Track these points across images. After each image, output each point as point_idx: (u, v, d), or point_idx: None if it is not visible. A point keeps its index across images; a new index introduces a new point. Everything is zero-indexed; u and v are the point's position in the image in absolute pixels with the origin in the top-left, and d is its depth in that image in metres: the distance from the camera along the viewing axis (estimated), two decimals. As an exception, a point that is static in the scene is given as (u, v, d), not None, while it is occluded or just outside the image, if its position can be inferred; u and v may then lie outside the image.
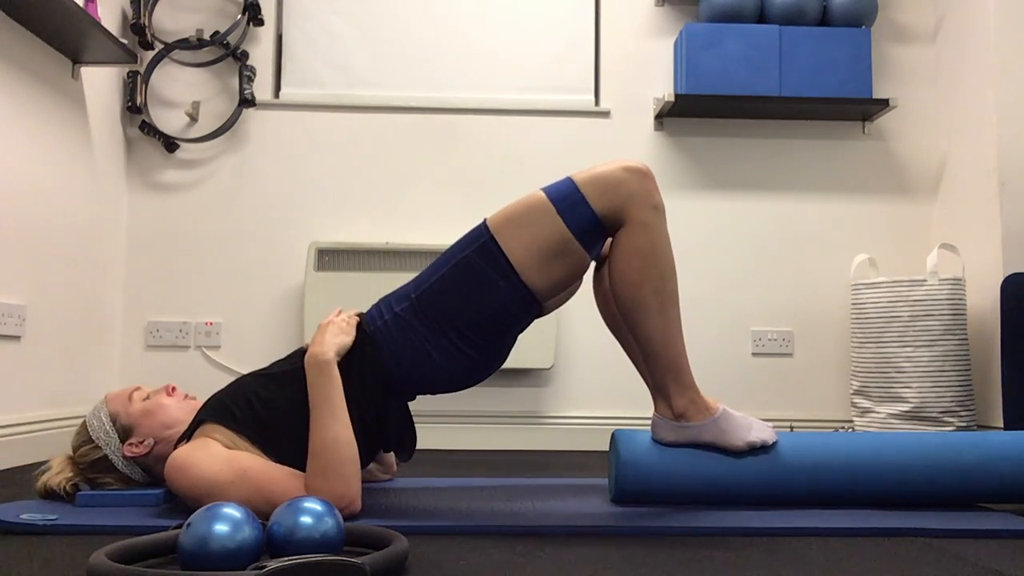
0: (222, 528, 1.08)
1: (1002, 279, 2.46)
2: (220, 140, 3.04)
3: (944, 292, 2.69)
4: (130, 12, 2.93)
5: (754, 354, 3.08)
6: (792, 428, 3.01)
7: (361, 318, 1.63)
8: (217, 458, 1.44)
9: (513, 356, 2.30)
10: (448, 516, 1.50)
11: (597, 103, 3.16)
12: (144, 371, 2.96)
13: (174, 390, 1.69)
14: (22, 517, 1.42)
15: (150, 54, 3.02)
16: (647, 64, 3.15)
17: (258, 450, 1.51)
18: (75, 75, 2.64)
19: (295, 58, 3.11)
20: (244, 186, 3.05)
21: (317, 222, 3.04)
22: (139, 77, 2.96)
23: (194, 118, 3.04)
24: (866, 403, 2.82)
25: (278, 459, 1.50)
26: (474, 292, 1.53)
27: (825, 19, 3.04)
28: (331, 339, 1.55)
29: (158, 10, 3.04)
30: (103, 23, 2.60)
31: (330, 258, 2.89)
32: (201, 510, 1.12)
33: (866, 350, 2.81)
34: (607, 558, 1.24)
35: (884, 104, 2.98)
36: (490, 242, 1.53)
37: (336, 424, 1.47)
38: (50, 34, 2.42)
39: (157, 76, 3.05)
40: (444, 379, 1.59)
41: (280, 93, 3.12)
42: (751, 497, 1.64)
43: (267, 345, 2.99)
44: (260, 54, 3.09)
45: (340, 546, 1.17)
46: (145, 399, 1.65)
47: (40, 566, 1.17)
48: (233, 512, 1.11)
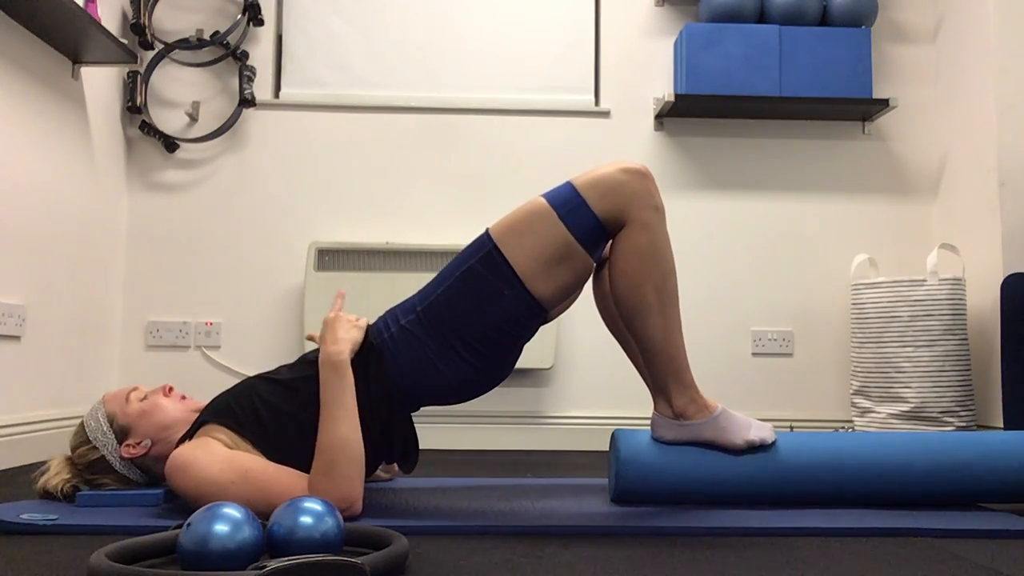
0: (222, 528, 1.08)
1: (1002, 279, 2.46)
2: (220, 140, 3.04)
3: (944, 292, 2.69)
4: (130, 12, 2.93)
5: (754, 354, 3.09)
6: (792, 428, 3.01)
7: (366, 329, 1.62)
8: (218, 458, 1.44)
9: (513, 356, 2.30)
10: (448, 516, 1.50)
11: (597, 103, 3.16)
12: (144, 371, 2.96)
13: (171, 390, 1.68)
14: (22, 517, 1.42)
15: (150, 54, 3.02)
16: (647, 64, 3.15)
17: (259, 453, 1.50)
18: (75, 75, 2.64)
19: (295, 58, 3.11)
20: (244, 186, 3.05)
21: (317, 222, 3.04)
22: (139, 77, 2.96)
23: (194, 118, 3.04)
24: (866, 403, 2.82)
25: (279, 462, 1.49)
26: (479, 302, 1.53)
27: (825, 19, 3.04)
28: (344, 335, 1.55)
29: (158, 10, 3.04)
30: (103, 23, 2.60)
31: (330, 258, 2.89)
32: (201, 510, 1.12)
33: (866, 350, 2.81)
34: (607, 558, 1.24)
35: (884, 104, 2.98)
36: (493, 251, 1.53)
37: (347, 424, 1.47)
38: (50, 34, 2.42)
39: (157, 76, 3.05)
40: (450, 391, 1.58)
41: (280, 93, 3.12)
42: (751, 496, 1.64)
43: (267, 345, 2.99)
44: (260, 54, 3.09)
45: (340, 546, 1.17)
46: (142, 399, 1.64)
47: (40, 566, 1.17)
48: (233, 512, 1.11)
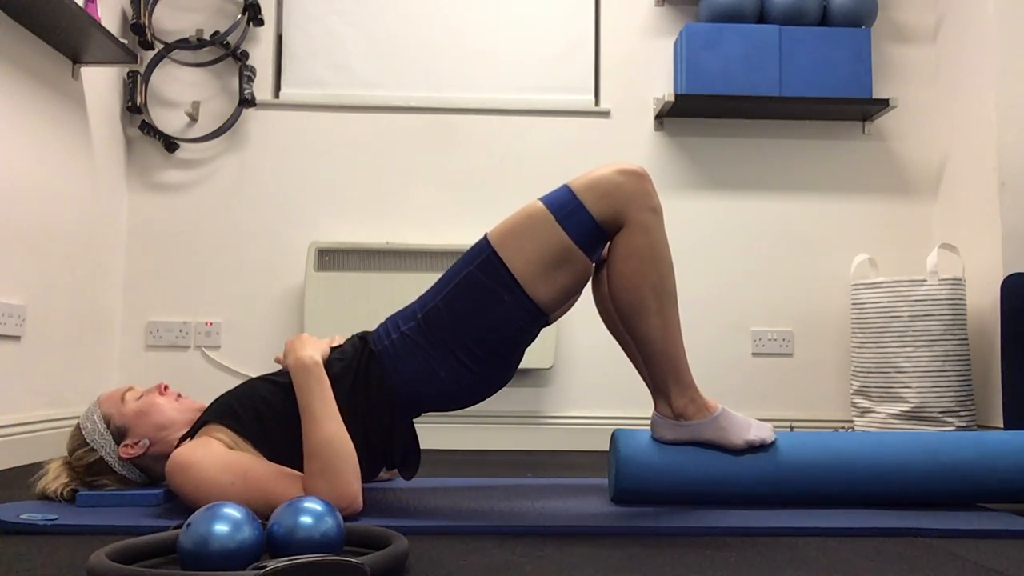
0: (222, 528, 1.08)
1: (1002, 279, 2.46)
2: (220, 140, 3.04)
3: (944, 292, 2.69)
4: (130, 12, 2.93)
5: (754, 354, 3.08)
6: (792, 428, 3.01)
7: (367, 337, 1.63)
8: (218, 458, 1.44)
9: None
10: (448, 516, 1.50)
11: (597, 103, 3.16)
12: (144, 371, 2.96)
13: (166, 389, 1.67)
14: (22, 517, 1.42)
15: (150, 54, 3.02)
16: (647, 64, 3.15)
17: (260, 453, 1.50)
18: (75, 75, 2.64)
19: (295, 58, 3.11)
20: (244, 186, 3.05)
21: (317, 222, 3.04)
22: (139, 77, 2.96)
23: (194, 118, 3.04)
24: (866, 403, 2.82)
25: (279, 463, 1.49)
26: (479, 308, 1.52)
27: (825, 19, 3.04)
28: (311, 347, 1.57)
29: (158, 10, 3.04)
30: (103, 23, 2.60)
31: (330, 258, 2.89)
32: (201, 510, 1.12)
33: (866, 350, 2.81)
34: (607, 558, 1.24)
35: (884, 104, 2.98)
36: (492, 256, 1.53)
37: (329, 423, 1.47)
38: (50, 34, 2.42)
39: (157, 76, 3.05)
40: (451, 397, 1.58)
41: (280, 93, 3.12)
42: (751, 496, 1.64)
43: (267, 345, 2.99)
44: (260, 54, 3.09)
45: (340, 546, 1.17)
46: (138, 399, 1.63)
47: (40, 566, 1.17)
48: (233, 512, 1.11)
